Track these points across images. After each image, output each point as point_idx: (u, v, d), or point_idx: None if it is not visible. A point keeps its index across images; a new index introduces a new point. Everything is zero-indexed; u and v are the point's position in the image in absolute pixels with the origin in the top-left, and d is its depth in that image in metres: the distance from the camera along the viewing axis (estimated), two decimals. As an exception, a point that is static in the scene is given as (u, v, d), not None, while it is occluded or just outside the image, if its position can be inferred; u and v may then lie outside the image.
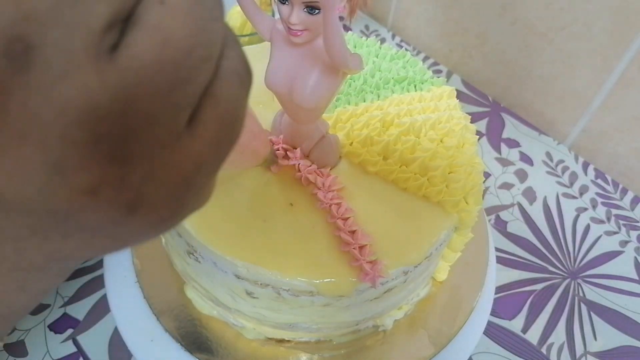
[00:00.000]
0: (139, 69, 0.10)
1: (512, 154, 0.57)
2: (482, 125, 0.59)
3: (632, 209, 0.52)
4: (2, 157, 0.09)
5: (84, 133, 0.09)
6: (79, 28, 0.09)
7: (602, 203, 0.52)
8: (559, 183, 0.54)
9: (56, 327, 0.39)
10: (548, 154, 0.57)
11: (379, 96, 0.36)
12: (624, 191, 0.54)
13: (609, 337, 0.42)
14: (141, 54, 0.10)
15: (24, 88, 0.09)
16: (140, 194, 0.11)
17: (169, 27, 0.10)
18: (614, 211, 0.52)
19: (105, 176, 0.10)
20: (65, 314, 0.39)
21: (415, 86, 0.38)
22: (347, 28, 0.67)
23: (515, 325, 0.42)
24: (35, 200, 0.10)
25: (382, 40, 0.55)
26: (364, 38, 0.42)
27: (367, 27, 0.73)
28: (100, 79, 0.09)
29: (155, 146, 0.11)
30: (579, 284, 0.45)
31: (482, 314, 0.36)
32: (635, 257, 0.48)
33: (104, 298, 0.40)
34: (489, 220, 0.49)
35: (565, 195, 0.53)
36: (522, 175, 0.54)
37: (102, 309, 0.40)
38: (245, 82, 0.13)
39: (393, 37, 0.72)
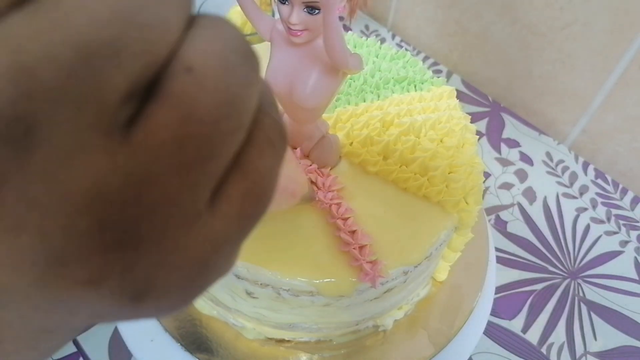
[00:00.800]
0: (156, 147, 0.09)
1: (512, 154, 0.57)
2: (482, 125, 0.59)
3: (632, 209, 0.52)
4: None
5: (88, 222, 0.08)
6: (90, 104, 0.08)
7: (602, 203, 0.52)
8: (559, 183, 0.54)
9: (56, 327, 0.39)
10: (548, 154, 0.57)
11: (379, 96, 0.36)
12: (624, 191, 0.54)
13: (609, 337, 0.42)
14: (160, 130, 0.09)
15: (23, 174, 0.08)
16: (148, 282, 0.10)
17: (194, 99, 0.09)
18: (614, 211, 0.52)
19: (109, 266, 0.09)
20: (65, 314, 0.39)
21: (415, 86, 0.38)
22: (347, 28, 0.67)
23: (515, 325, 0.42)
24: (32, 289, 0.09)
25: (382, 40, 0.55)
26: (364, 38, 0.42)
27: (367, 27, 0.73)
28: (111, 161, 0.08)
29: (169, 229, 0.09)
30: (579, 284, 0.45)
31: (482, 314, 0.36)
32: (635, 257, 0.48)
33: (104, 298, 0.40)
34: (489, 220, 0.49)
35: (565, 195, 0.53)
36: (522, 175, 0.54)
37: (102, 309, 0.40)
38: (279, 149, 0.11)
39: (393, 37, 0.72)
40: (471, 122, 0.36)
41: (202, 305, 0.34)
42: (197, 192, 0.10)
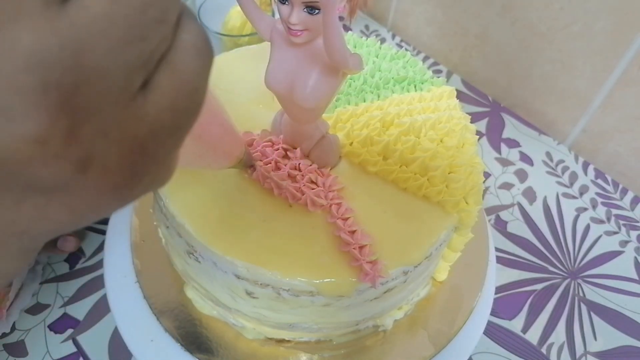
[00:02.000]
0: (90, 20, 0.10)
1: (512, 154, 0.57)
2: (482, 125, 0.59)
3: (632, 209, 0.52)
4: None
5: (32, 79, 0.09)
6: None
7: (602, 203, 0.52)
8: (559, 183, 0.54)
9: (56, 327, 0.39)
10: (548, 154, 0.57)
11: (379, 96, 0.36)
12: (624, 191, 0.54)
13: (609, 337, 0.42)
14: (92, 7, 0.10)
15: None
16: (90, 151, 0.11)
17: None
18: (614, 211, 0.52)
19: (53, 126, 0.10)
20: (65, 314, 0.39)
21: (415, 86, 0.38)
22: (347, 28, 0.67)
23: (515, 325, 0.42)
24: None
25: (382, 40, 0.55)
26: (364, 38, 0.42)
27: (367, 27, 0.73)
28: (50, 26, 0.10)
29: (106, 102, 0.11)
30: (579, 284, 0.45)
31: (482, 314, 0.36)
32: (635, 257, 0.48)
33: (104, 298, 0.40)
34: (489, 220, 0.49)
35: (565, 195, 0.53)
36: (522, 175, 0.54)
37: (102, 309, 0.40)
38: (205, 56, 0.13)
39: (393, 37, 0.72)
40: (471, 122, 0.36)
41: (202, 305, 0.34)
42: (130, 71, 0.11)
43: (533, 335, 0.41)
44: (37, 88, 0.10)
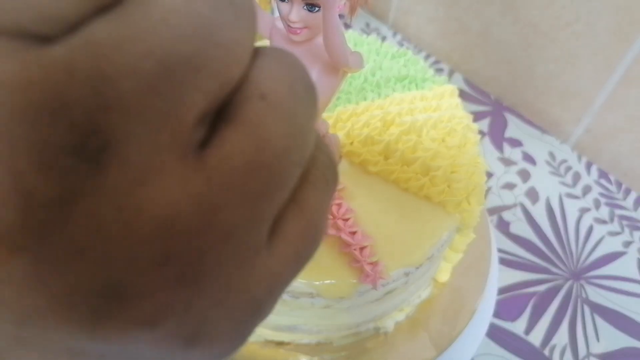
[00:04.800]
0: (229, 173, 0.08)
1: (515, 154, 0.56)
2: (484, 124, 0.59)
3: (636, 209, 0.52)
4: (49, 275, 0.07)
5: (154, 252, 0.08)
6: (169, 122, 0.07)
7: (605, 203, 0.52)
8: (562, 183, 0.54)
9: (54, 328, 0.38)
10: (551, 154, 0.57)
11: (379, 95, 0.36)
12: (627, 191, 0.54)
13: (612, 339, 0.42)
14: (235, 155, 0.08)
15: (93, 195, 0.07)
16: (204, 323, 0.09)
17: (269, 127, 0.09)
18: (617, 211, 0.51)
19: (171, 305, 0.08)
20: (63, 315, 0.39)
21: (416, 85, 0.37)
22: (347, 26, 0.66)
23: (518, 326, 0.42)
24: (78, 329, 0.08)
25: (383, 39, 0.55)
26: (365, 36, 0.41)
27: (367, 25, 0.73)
28: (184, 185, 0.08)
29: (231, 265, 0.09)
30: (582, 285, 0.45)
31: (484, 316, 0.36)
32: (639, 258, 0.48)
33: (102, 299, 0.40)
34: (491, 221, 0.48)
35: (568, 195, 0.52)
36: (524, 175, 0.54)
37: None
38: (332, 187, 0.11)
39: (394, 35, 0.72)
40: (473, 121, 0.36)
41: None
42: (260, 225, 0.09)
43: (536, 337, 0.41)
44: (157, 262, 0.08)
